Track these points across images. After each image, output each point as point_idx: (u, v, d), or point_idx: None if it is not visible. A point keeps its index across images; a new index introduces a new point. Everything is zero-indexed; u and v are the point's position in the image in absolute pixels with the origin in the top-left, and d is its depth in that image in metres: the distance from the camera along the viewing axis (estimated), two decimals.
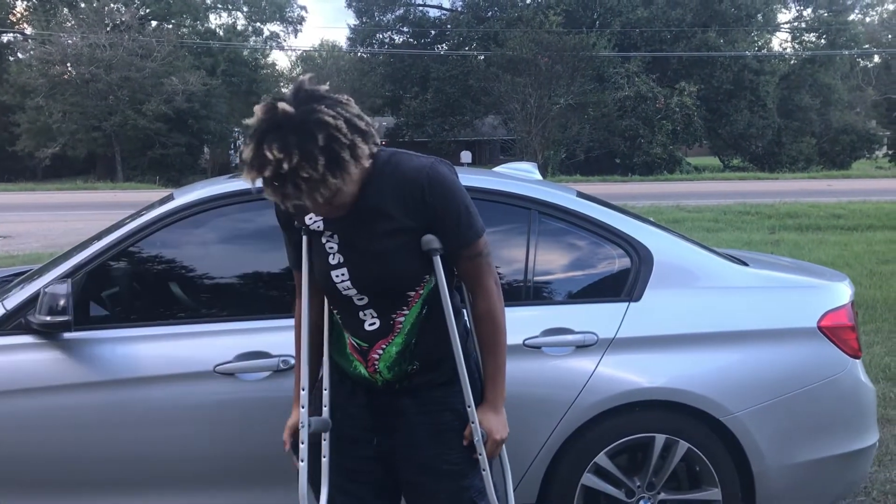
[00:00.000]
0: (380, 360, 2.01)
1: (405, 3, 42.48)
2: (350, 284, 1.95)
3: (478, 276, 2.00)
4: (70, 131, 32.38)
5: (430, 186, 1.88)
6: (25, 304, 2.59)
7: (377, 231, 1.90)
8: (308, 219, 1.96)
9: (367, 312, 1.99)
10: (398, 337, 2.00)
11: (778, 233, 12.81)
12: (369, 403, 2.09)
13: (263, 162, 1.64)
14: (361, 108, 1.79)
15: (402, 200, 1.89)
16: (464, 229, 1.93)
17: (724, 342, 2.77)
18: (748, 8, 37.00)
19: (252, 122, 1.70)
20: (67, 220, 15.64)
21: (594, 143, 34.59)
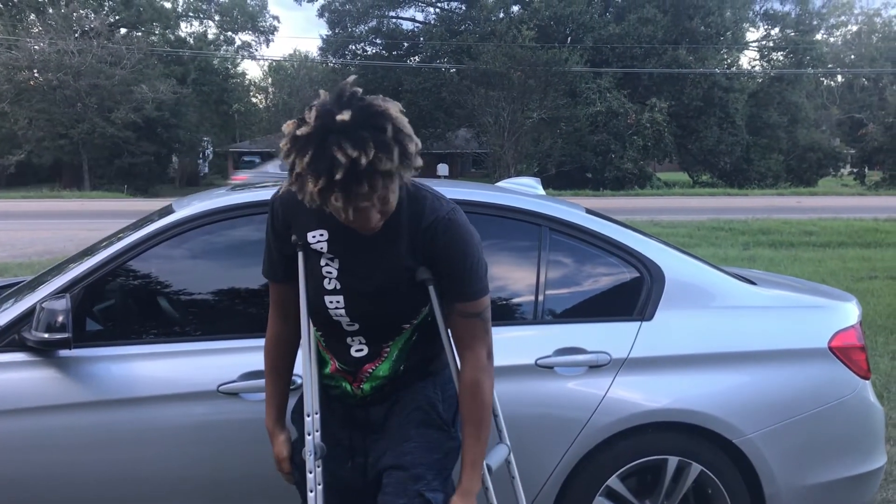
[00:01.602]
0: (367, 380, 1.99)
1: (378, 14, 42.46)
2: (344, 313, 1.90)
3: (470, 339, 1.89)
4: (36, 138, 31.84)
5: (443, 233, 1.83)
6: (20, 319, 2.47)
7: (382, 266, 1.86)
8: (311, 236, 1.88)
9: (356, 339, 1.95)
10: (385, 363, 1.98)
11: (752, 249, 12.91)
12: (345, 418, 2.06)
13: (334, 164, 1.57)
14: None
15: (412, 240, 1.85)
16: (466, 284, 1.86)
17: (736, 363, 2.74)
18: (718, 26, 37.48)
19: (303, 130, 1.61)
20: (34, 230, 15.32)
21: (566, 157, 34.76)
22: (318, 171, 1.58)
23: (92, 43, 31.99)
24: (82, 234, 14.19)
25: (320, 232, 1.87)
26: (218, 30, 45.36)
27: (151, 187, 33.60)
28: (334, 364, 2.00)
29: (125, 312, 2.69)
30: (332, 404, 2.06)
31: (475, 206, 2.78)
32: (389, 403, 2.02)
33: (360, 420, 2.04)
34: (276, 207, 1.94)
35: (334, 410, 2.05)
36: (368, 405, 2.02)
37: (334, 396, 2.06)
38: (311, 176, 1.59)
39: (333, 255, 1.87)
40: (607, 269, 2.83)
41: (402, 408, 2.01)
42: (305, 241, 1.89)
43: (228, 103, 43.95)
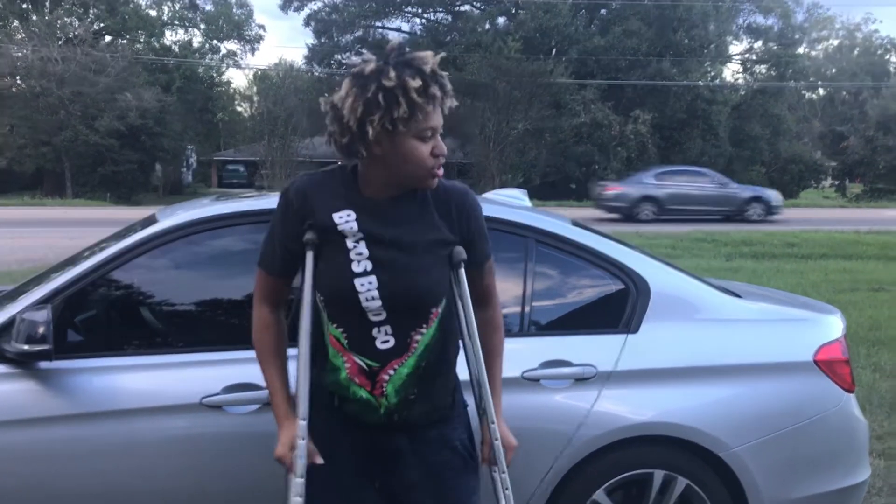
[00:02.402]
0: (389, 381, 1.89)
1: (364, 24, 42.54)
2: (377, 295, 1.84)
3: (492, 289, 2.11)
4: (18, 146, 31.58)
5: (471, 206, 1.98)
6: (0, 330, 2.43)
7: (419, 238, 1.89)
8: (337, 217, 1.87)
9: (382, 329, 1.87)
10: (411, 358, 1.90)
11: (735, 260, 12.98)
12: (364, 446, 1.96)
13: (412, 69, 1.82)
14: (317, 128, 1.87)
15: (445, 214, 1.94)
16: (488, 246, 2.05)
17: (721, 376, 2.74)
18: (701, 39, 37.80)
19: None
20: (14, 238, 15.16)
21: (551, 168, 34.88)
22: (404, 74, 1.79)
23: (76, 50, 31.78)
24: (64, 242, 14.05)
25: (347, 212, 1.87)
26: (203, 38, 45.22)
27: (134, 195, 33.33)
28: (355, 364, 1.89)
29: (107, 323, 2.66)
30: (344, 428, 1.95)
31: None
32: (416, 438, 1.95)
33: (380, 449, 1.96)
34: (291, 196, 1.92)
35: (342, 437, 1.95)
36: (392, 430, 1.94)
37: (351, 419, 1.94)
38: (407, 76, 1.79)
39: (363, 234, 1.86)
40: (593, 282, 2.83)
41: (432, 451, 1.97)
42: (331, 224, 1.86)
43: (213, 112, 43.84)
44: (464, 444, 2.02)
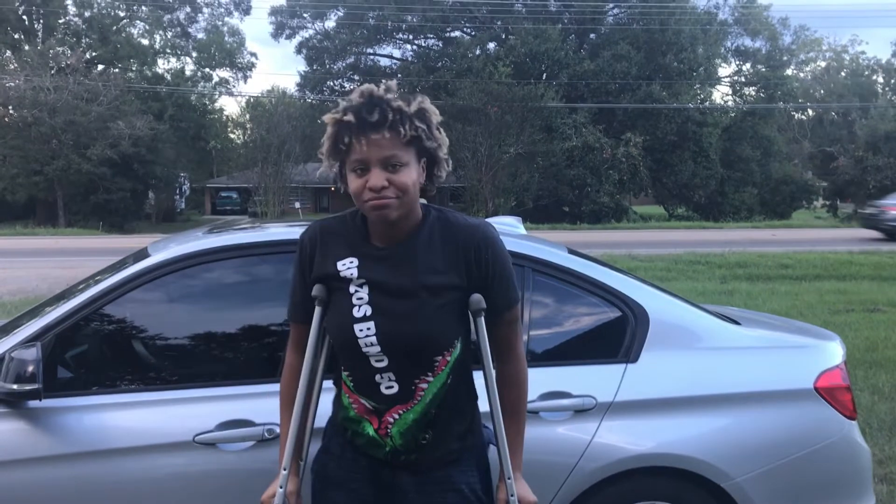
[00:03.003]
0: (394, 424, 1.89)
1: (356, 51, 42.81)
2: (375, 341, 1.84)
3: (512, 341, 1.96)
4: (10, 175, 31.55)
5: (485, 246, 1.87)
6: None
7: (420, 283, 1.84)
8: (341, 265, 1.88)
9: (385, 375, 1.87)
10: (418, 405, 1.88)
11: (730, 283, 12.96)
12: (373, 478, 1.96)
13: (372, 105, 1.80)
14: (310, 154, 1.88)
15: (454, 256, 1.86)
16: (511, 292, 1.93)
17: (722, 405, 2.70)
18: (691, 62, 38.12)
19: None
20: (6, 268, 15.06)
21: (543, 191, 35.00)
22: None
23: (68, 79, 31.84)
24: (56, 272, 13.99)
25: (350, 260, 1.88)
26: (195, 66, 45.38)
27: (127, 223, 33.27)
28: (359, 407, 1.92)
29: (99, 360, 2.61)
30: (357, 458, 1.97)
31: None
32: (422, 479, 1.93)
33: (387, 484, 1.95)
34: (305, 243, 1.96)
35: (358, 466, 1.97)
36: (398, 467, 1.93)
37: (360, 448, 1.96)
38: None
39: (364, 280, 1.86)
40: (591, 311, 2.80)
41: (437, 492, 1.93)
42: (335, 272, 1.88)
43: (206, 139, 43.87)
44: (472, 489, 1.95)
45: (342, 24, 41.76)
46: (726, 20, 41.87)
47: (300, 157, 36.13)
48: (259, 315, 2.67)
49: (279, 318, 2.62)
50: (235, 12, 44.03)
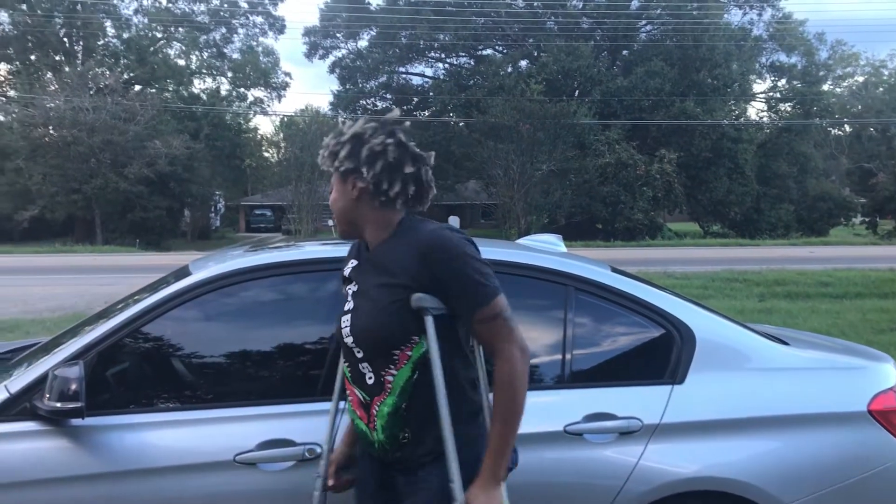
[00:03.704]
0: (377, 416, 2.02)
1: (388, 70, 43.07)
2: (349, 332, 2.04)
3: (494, 341, 1.95)
4: (50, 194, 32.05)
5: (430, 251, 1.95)
6: (31, 387, 2.39)
7: (376, 283, 2.02)
8: (347, 266, 2.20)
9: (364, 366, 2.03)
10: (389, 397, 2.00)
11: (768, 301, 12.76)
12: (375, 475, 2.13)
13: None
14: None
15: (404, 260, 1.98)
16: (471, 292, 1.93)
17: (772, 427, 2.62)
18: (725, 78, 37.81)
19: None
20: (46, 285, 15.31)
21: (576, 208, 34.84)
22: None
23: (106, 100, 32.38)
24: (94, 289, 14.18)
25: (352, 262, 2.19)
26: (231, 86, 45.99)
27: (163, 241, 33.67)
28: (356, 396, 2.08)
29: (140, 378, 2.60)
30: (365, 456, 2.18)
31: (498, 266, 2.71)
32: (411, 478, 2.03)
33: (384, 481, 2.11)
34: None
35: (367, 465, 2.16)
36: (390, 466, 2.07)
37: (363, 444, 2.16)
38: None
39: (353, 279, 2.12)
40: (636, 331, 2.74)
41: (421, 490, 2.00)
42: (343, 273, 2.19)
43: (240, 158, 44.34)
44: (441, 486, 1.94)
45: (375, 43, 42.07)
46: (761, 36, 41.51)
47: None
48: (298, 333, 2.66)
49: (318, 337, 2.61)
50: (270, 32, 44.59)
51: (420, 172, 2.08)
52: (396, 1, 41.79)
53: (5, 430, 2.37)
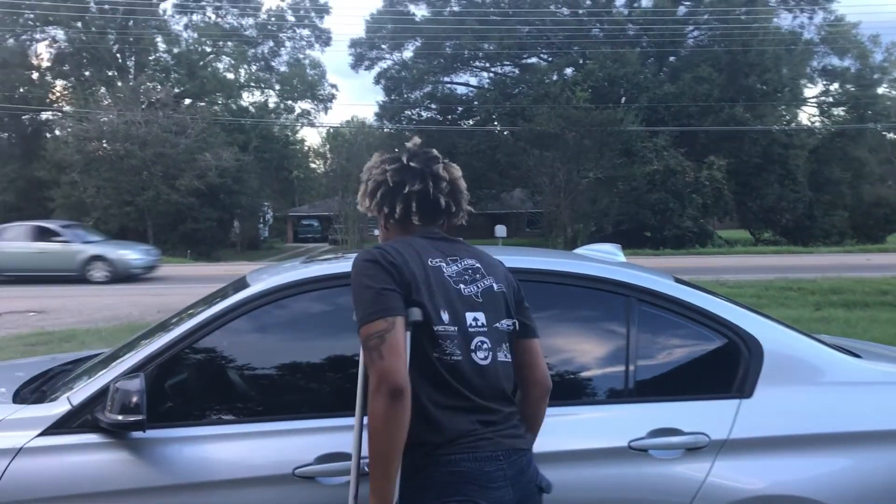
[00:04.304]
0: None
1: (433, 80, 43.22)
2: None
3: (365, 364, 2.01)
4: (103, 206, 32.76)
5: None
6: (93, 399, 2.40)
7: None
8: None
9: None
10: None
11: (824, 309, 12.43)
12: None
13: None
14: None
15: None
16: (353, 314, 2.00)
17: (845, 444, 2.51)
18: (775, 83, 37.17)
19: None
20: (101, 295, 15.60)
21: (623, 216, 34.51)
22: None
23: (158, 113, 33.03)
24: (147, 299, 14.42)
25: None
26: (278, 99, 46.61)
27: (214, 252, 34.18)
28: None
29: (198, 391, 2.60)
30: None
31: (557, 277, 2.67)
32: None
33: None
34: None
35: None
36: None
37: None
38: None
39: None
40: (701, 343, 2.66)
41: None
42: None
43: (288, 169, 44.95)
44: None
45: (420, 53, 42.27)
46: (812, 39, 40.72)
47: None
48: (356, 345, 2.62)
49: None
50: (316, 45, 45.12)
51: (427, 188, 2.16)
52: (441, 11, 41.97)
53: (67, 441, 2.37)
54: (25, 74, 39.04)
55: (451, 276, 2.07)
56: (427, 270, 2.04)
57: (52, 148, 34.42)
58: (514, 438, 2.03)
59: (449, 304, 2.02)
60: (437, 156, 2.24)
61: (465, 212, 2.26)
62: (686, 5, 40.84)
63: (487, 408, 2.00)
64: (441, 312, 1.99)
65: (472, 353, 2.01)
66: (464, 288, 2.07)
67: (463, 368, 1.99)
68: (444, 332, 1.99)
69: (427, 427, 1.96)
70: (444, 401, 1.97)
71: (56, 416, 2.41)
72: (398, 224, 2.20)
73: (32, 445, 2.37)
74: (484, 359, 2.02)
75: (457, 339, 2.00)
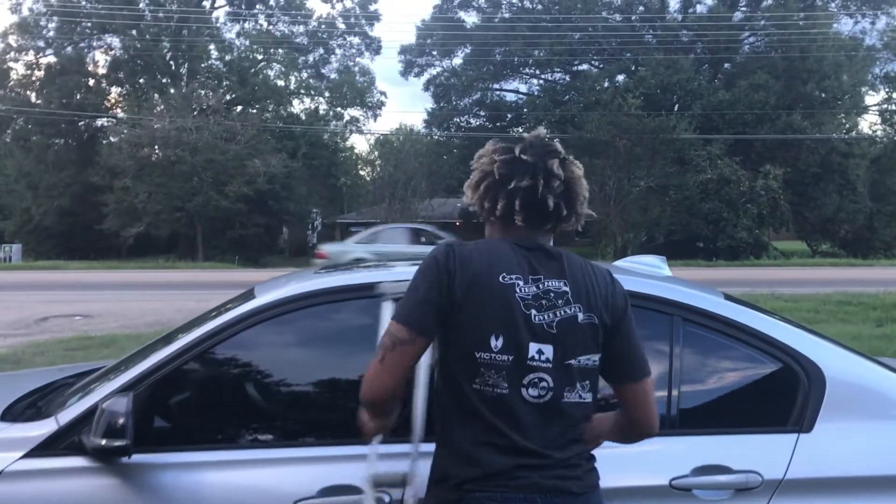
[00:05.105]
0: None
1: (482, 87, 43.04)
2: None
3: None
4: (154, 211, 33.20)
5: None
6: (81, 419, 2.19)
7: None
8: None
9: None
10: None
11: (886, 326, 11.86)
12: None
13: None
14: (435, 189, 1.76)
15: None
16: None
17: None
18: (834, 90, 36.11)
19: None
20: (146, 300, 15.70)
21: (675, 226, 33.79)
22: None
23: (209, 120, 33.40)
24: (191, 304, 14.41)
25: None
26: (328, 106, 46.82)
27: (262, 258, 34.40)
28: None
29: (193, 413, 2.39)
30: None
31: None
32: None
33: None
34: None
35: None
36: None
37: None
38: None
39: None
40: (753, 368, 2.37)
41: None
42: None
43: (336, 176, 45.02)
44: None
45: (469, 60, 42.14)
46: (874, 45, 39.52)
47: (426, 192, 36.48)
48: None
49: None
50: (366, 52, 45.26)
51: (535, 186, 1.85)
52: (492, 18, 41.81)
53: (52, 465, 2.18)
54: (82, 81, 39.88)
55: (522, 299, 1.77)
56: (492, 287, 1.77)
57: (106, 154, 35.02)
58: (565, 480, 1.75)
59: (507, 330, 1.75)
60: (558, 150, 1.93)
61: (582, 216, 1.95)
62: (742, 11, 40.02)
63: (533, 451, 1.74)
64: (491, 338, 1.74)
65: (522, 389, 1.75)
66: (535, 315, 1.77)
67: (509, 404, 1.74)
68: (490, 361, 1.74)
69: (455, 461, 1.76)
70: (481, 437, 1.74)
71: (42, 436, 2.22)
72: (499, 223, 1.92)
73: (14, 469, 2.18)
74: (538, 397, 1.75)
75: (506, 371, 1.74)
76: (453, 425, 1.77)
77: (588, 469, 1.82)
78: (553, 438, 1.76)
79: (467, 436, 1.75)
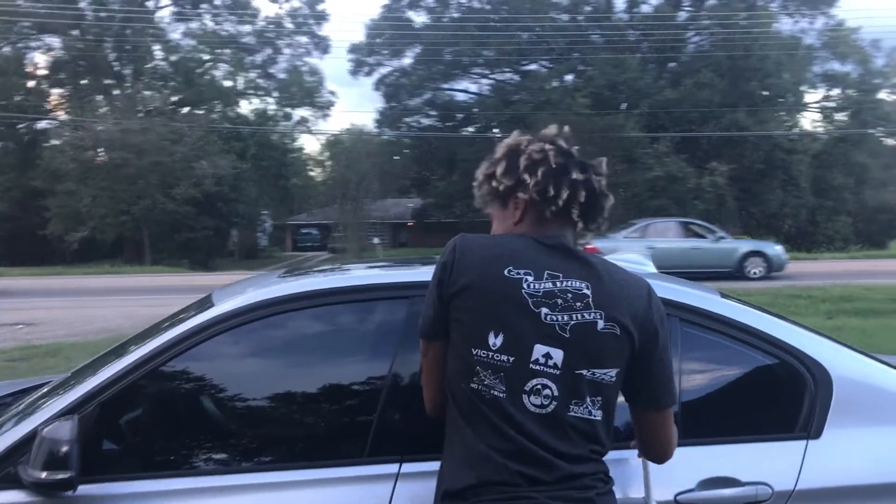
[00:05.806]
0: None
1: (432, 87, 42.88)
2: None
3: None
4: (99, 215, 32.32)
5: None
6: (16, 448, 1.93)
7: None
8: None
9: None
10: None
11: (837, 318, 12.01)
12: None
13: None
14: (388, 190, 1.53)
15: None
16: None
17: None
18: (777, 88, 36.80)
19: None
20: (93, 307, 15.18)
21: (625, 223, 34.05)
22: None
23: (155, 122, 32.66)
24: (141, 310, 13.95)
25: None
26: (277, 106, 46.18)
27: (211, 261, 33.75)
28: None
29: (149, 435, 2.15)
30: None
31: None
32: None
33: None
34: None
35: None
36: None
37: None
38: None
39: None
40: (757, 371, 2.22)
41: None
42: None
43: (287, 177, 44.50)
44: None
45: (419, 60, 41.93)
46: (813, 45, 40.37)
47: (378, 193, 36.22)
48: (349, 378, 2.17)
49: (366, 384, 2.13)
50: (315, 51, 44.72)
51: (591, 181, 1.77)
52: (441, 18, 41.63)
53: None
54: (21, 83, 38.65)
55: (531, 295, 1.60)
56: (494, 280, 1.61)
57: (48, 157, 33.95)
58: (574, 502, 1.58)
59: (508, 327, 1.58)
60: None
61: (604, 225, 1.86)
62: (687, 10, 40.51)
63: (541, 458, 1.56)
64: (489, 335, 1.58)
65: (524, 396, 1.57)
66: (546, 314, 1.59)
67: (507, 410, 1.57)
68: (486, 360, 1.58)
69: (450, 470, 1.61)
70: (482, 440, 1.58)
71: None
72: (556, 216, 1.74)
73: None
74: (540, 406, 1.57)
75: (504, 373, 1.57)
76: (455, 428, 1.62)
77: (604, 492, 1.64)
78: (562, 452, 1.58)
79: (468, 439, 1.59)
